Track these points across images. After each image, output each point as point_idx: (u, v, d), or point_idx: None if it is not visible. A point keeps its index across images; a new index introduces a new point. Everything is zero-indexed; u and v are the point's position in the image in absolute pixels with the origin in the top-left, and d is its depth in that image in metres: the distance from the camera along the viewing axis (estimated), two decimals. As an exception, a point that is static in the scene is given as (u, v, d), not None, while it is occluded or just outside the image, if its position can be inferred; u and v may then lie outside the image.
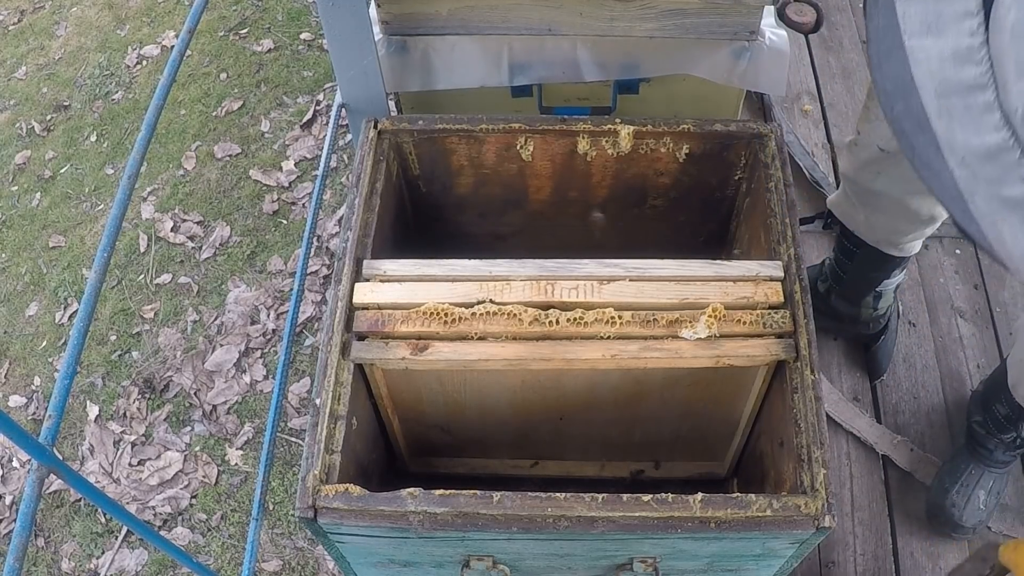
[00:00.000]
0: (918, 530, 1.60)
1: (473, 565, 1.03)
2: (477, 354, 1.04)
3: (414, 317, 1.04)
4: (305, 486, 0.93)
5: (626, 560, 1.02)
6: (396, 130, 1.23)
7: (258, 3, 2.98)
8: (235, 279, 2.24)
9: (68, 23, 3.05)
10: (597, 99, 1.61)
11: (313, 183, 2.40)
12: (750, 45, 1.45)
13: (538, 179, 1.31)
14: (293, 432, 1.96)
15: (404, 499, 0.92)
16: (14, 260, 2.40)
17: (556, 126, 1.22)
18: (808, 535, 0.93)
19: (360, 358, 1.04)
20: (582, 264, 1.09)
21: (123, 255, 2.33)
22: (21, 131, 2.73)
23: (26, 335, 2.23)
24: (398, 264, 1.10)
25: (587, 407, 1.18)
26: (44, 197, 2.53)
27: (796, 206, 1.13)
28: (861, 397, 1.75)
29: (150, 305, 2.22)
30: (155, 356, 2.12)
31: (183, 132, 2.61)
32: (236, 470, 1.92)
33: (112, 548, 1.84)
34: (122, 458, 1.96)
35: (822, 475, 0.92)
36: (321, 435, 0.97)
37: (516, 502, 0.91)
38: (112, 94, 2.78)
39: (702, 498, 0.91)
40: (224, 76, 2.75)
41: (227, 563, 1.80)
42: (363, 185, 1.17)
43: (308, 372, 2.05)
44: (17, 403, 2.11)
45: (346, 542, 0.99)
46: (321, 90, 2.67)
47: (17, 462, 2.00)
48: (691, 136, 1.22)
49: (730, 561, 1.03)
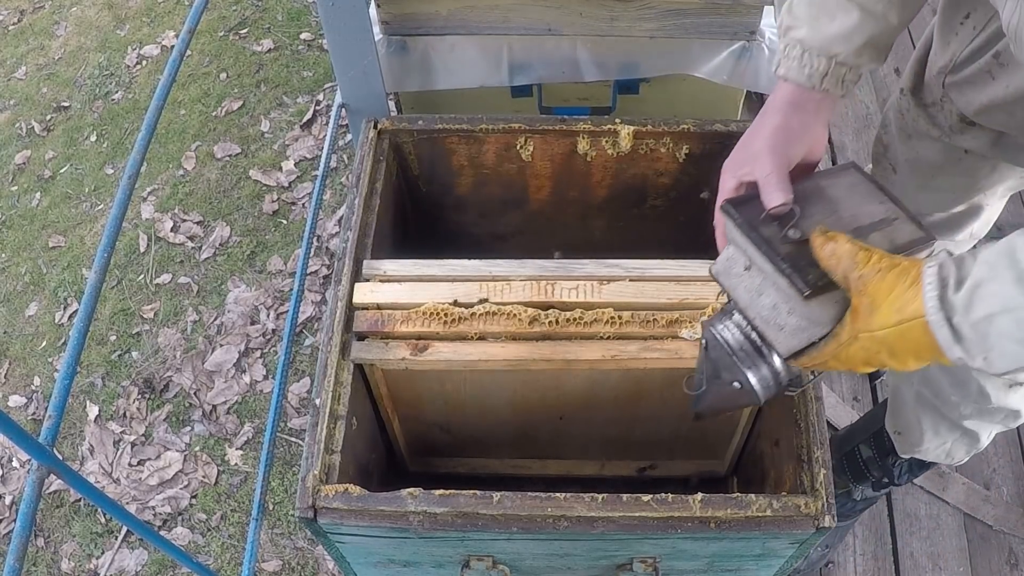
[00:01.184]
0: (918, 530, 1.60)
1: (473, 565, 1.03)
2: (477, 354, 1.04)
3: (414, 317, 1.04)
4: (305, 486, 0.93)
5: (626, 560, 1.02)
6: (396, 130, 1.23)
7: (258, 3, 2.98)
8: (235, 279, 2.24)
9: (68, 23, 3.05)
10: (597, 99, 1.61)
11: (313, 183, 2.40)
12: (750, 45, 1.45)
13: (538, 179, 1.31)
14: (293, 432, 1.96)
15: (404, 499, 0.91)
16: (14, 260, 2.40)
17: (556, 126, 1.22)
18: (808, 535, 0.93)
19: (360, 358, 1.04)
20: (582, 264, 1.09)
21: (123, 255, 2.33)
22: (21, 131, 2.73)
23: (26, 335, 2.23)
24: (398, 264, 1.10)
25: (587, 407, 1.18)
26: (44, 197, 2.53)
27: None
28: (861, 397, 1.75)
29: (150, 305, 2.22)
30: (155, 356, 2.12)
31: (183, 132, 2.61)
32: (236, 470, 1.92)
33: (112, 548, 1.84)
34: (122, 458, 1.96)
35: (822, 475, 0.92)
36: (321, 435, 0.97)
37: (516, 502, 0.91)
38: (112, 94, 2.78)
39: (702, 498, 0.91)
40: (224, 76, 2.75)
41: (227, 563, 1.79)
42: (363, 185, 1.17)
43: (308, 372, 2.05)
44: (17, 403, 2.11)
45: (346, 542, 0.99)
46: (321, 90, 2.67)
47: (17, 462, 2.00)
48: (691, 136, 1.22)
49: (730, 561, 1.03)
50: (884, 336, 0.74)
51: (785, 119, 0.90)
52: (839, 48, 0.89)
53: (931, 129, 1.25)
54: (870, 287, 0.74)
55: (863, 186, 0.88)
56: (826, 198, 0.86)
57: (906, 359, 0.75)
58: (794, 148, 0.89)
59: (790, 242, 0.79)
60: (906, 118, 1.30)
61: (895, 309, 0.72)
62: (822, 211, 0.84)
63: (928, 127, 1.26)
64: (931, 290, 0.70)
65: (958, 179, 1.26)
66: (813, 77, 0.91)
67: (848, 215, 0.84)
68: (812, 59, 0.90)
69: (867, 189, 0.87)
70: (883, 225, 0.83)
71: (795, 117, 0.91)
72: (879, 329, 0.73)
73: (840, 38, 0.89)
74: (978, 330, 0.69)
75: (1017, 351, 0.68)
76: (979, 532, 1.60)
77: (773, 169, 0.85)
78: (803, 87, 0.91)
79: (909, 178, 1.34)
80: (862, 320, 0.75)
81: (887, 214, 0.85)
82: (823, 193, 0.86)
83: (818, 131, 0.93)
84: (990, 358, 0.70)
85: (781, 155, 0.87)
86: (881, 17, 0.88)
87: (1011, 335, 0.67)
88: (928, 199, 1.33)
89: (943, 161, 1.27)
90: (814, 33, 0.90)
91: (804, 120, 0.91)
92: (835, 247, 0.76)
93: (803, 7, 0.91)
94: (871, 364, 0.78)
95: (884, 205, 0.86)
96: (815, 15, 0.89)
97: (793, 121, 0.91)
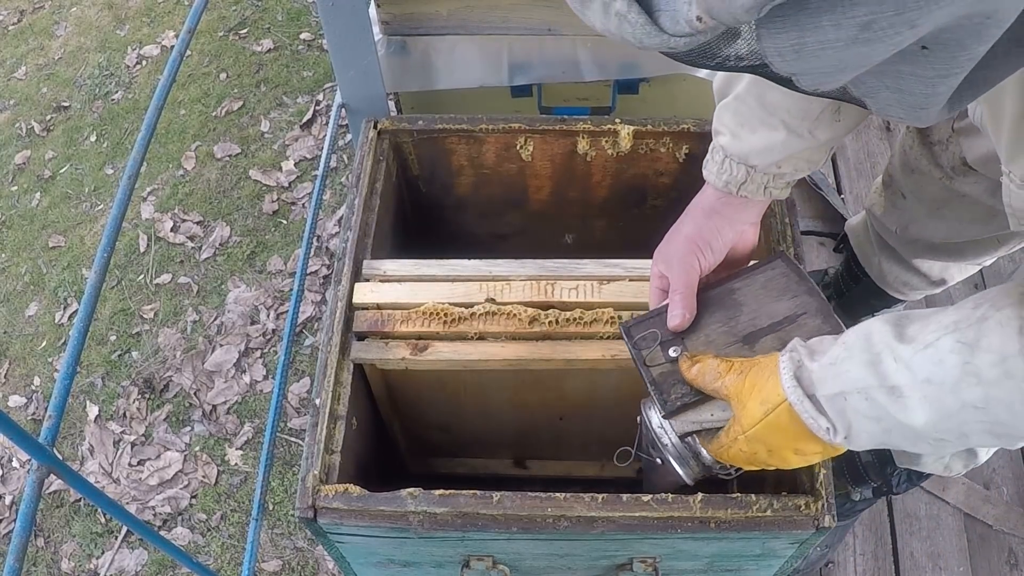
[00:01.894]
0: (918, 530, 1.60)
1: (473, 565, 1.03)
2: (477, 354, 1.03)
3: (414, 317, 1.04)
4: (305, 486, 0.93)
5: (626, 560, 1.02)
6: (396, 130, 1.23)
7: (258, 3, 2.98)
8: (235, 279, 2.24)
9: (68, 23, 3.05)
10: (597, 99, 1.61)
11: (313, 183, 2.40)
12: (750, 45, 1.44)
13: (538, 179, 1.31)
14: (293, 432, 1.96)
15: (404, 499, 0.91)
16: (14, 260, 2.40)
17: (556, 126, 1.22)
18: (808, 535, 0.92)
19: (360, 358, 1.04)
20: (582, 264, 1.09)
21: (123, 255, 2.33)
22: (21, 131, 2.73)
23: (26, 335, 2.23)
24: (398, 264, 1.10)
25: (587, 407, 1.18)
26: (44, 197, 2.53)
27: (796, 206, 1.13)
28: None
29: (150, 305, 2.22)
30: (155, 356, 2.12)
31: (183, 132, 2.61)
32: (236, 470, 1.92)
33: (112, 548, 1.84)
34: (122, 458, 1.96)
35: (822, 475, 0.91)
36: (321, 435, 0.97)
37: (516, 502, 0.91)
38: (112, 94, 2.78)
39: (702, 498, 0.91)
40: (224, 76, 2.75)
41: (227, 563, 1.79)
42: (363, 185, 1.17)
43: (308, 372, 2.05)
44: (17, 403, 2.10)
45: (346, 542, 0.99)
46: (321, 90, 2.67)
47: (17, 462, 2.00)
48: (691, 136, 1.22)
49: (730, 561, 1.03)
50: (756, 433, 0.77)
51: (697, 227, 0.93)
52: (757, 160, 0.89)
53: (933, 170, 1.24)
54: (733, 389, 0.78)
55: (780, 281, 0.91)
56: (732, 303, 0.91)
57: (784, 454, 0.78)
58: (706, 256, 0.92)
59: (670, 360, 0.87)
60: (908, 155, 1.29)
61: (759, 402, 0.76)
62: (720, 319, 0.90)
63: (929, 167, 1.25)
64: (787, 371, 0.74)
65: (964, 212, 1.25)
66: (731, 184, 0.91)
67: (747, 319, 0.89)
68: (732, 167, 0.90)
69: (783, 285, 0.91)
70: (784, 325, 0.88)
71: (709, 223, 0.93)
72: (750, 427, 0.77)
73: (760, 151, 0.89)
74: (835, 405, 0.72)
75: (873, 429, 0.71)
76: (979, 532, 1.60)
77: (678, 287, 0.89)
78: (724, 192, 0.92)
79: (917, 206, 1.34)
80: (737, 423, 0.79)
81: (793, 311, 0.89)
82: (731, 297, 0.91)
83: (736, 232, 0.94)
84: (851, 435, 0.73)
85: (690, 268, 0.90)
86: (807, 135, 0.87)
87: (864, 413, 0.70)
88: (939, 227, 1.32)
89: (945, 198, 1.27)
90: (735, 142, 0.90)
91: (718, 225, 0.93)
92: (700, 367, 0.82)
93: (728, 115, 0.90)
94: (753, 463, 0.82)
95: (795, 300, 0.90)
96: (739, 124, 0.89)
97: (706, 229, 0.92)
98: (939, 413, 0.66)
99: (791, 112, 0.85)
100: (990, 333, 0.64)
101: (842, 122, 0.87)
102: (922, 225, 1.34)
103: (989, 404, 0.64)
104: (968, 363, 0.64)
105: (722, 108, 0.91)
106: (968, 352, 0.64)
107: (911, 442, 0.71)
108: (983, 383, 0.64)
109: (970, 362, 0.64)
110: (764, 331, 0.88)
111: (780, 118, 0.86)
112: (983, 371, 0.64)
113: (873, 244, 1.50)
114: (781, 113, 0.86)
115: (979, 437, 0.67)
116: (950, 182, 1.22)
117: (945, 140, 1.20)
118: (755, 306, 0.90)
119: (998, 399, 0.63)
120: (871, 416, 0.70)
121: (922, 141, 1.25)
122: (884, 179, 1.41)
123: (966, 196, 1.21)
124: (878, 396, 0.69)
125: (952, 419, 0.66)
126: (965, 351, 0.65)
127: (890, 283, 1.51)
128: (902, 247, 1.42)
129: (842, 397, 0.71)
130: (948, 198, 1.26)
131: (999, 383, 0.63)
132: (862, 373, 0.70)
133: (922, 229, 1.35)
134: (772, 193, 0.92)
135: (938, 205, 1.28)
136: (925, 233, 1.34)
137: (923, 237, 1.35)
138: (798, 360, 0.75)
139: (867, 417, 0.70)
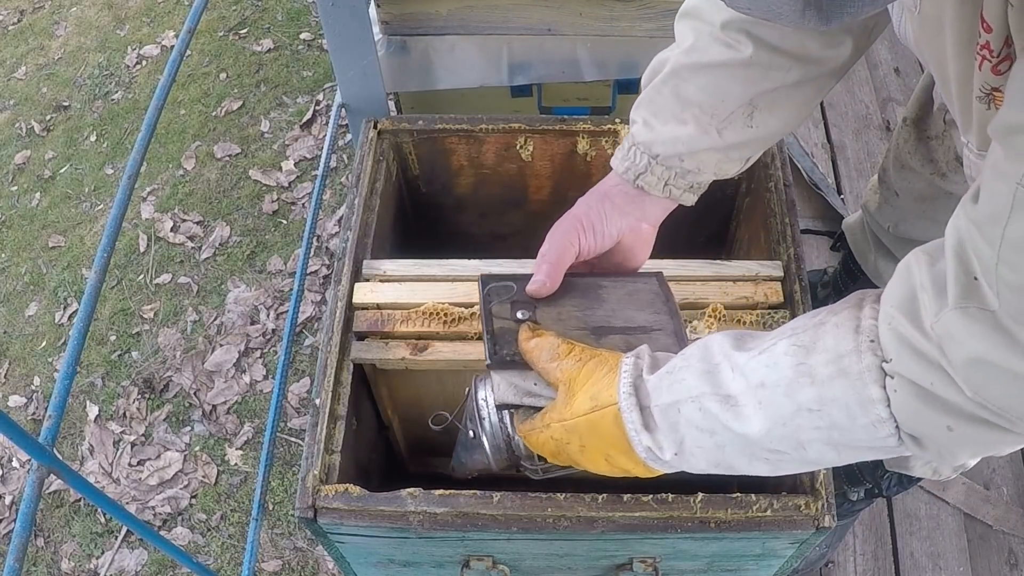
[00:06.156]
0: (918, 530, 1.60)
1: (473, 565, 1.03)
2: (477, 354, 1.03)
3: (414, 317, 1.04)
4: (305, 486, 0.93)
5: (626, 560, 1.02)
6: (396, 130, 1.23)
7: (258, 3, 2.98)
8: (235, 279, 2.24)
9: (68, 23, 3.05)
10: (597, 99, 1.61)
11: (313, 183, 2.40)
12: (750, 45, 1.45)
13: (538, 179, 1.31)
14: (293, 432, 1.96)
15: (404, 499, 0.92)
16: (14, 260, 2.40)
17: (556, 126, 1.22)
18: (808, 535, 0.92)
19: (360, 358, 1.04)
20: (582, 264, 1.08)
21: (123, 255, 2.33)
22: (21, 131, 2.73)
23: (26, 335, 2.23)
24: (398, 264, 1.10)
25: (587, 407, 1.18)
26: (44, 197, 2.53)
27: (796, 206, 1.13)
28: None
29: (150, 305, 2.22)
30: (155, 356, 2.12)
31: (183, 132, 2.61)
32: (236, 470, 1.92)
33: (112, 548, 1.84)
34: (122, 458, 1.96)
35: (822, 475, 0.91)
36: (321, 435, 0.97)
37: (516, 502, 0.91)
38: (112, 94, 2.78)
39: (702, 498, 0.91)
40: (224, 76, 2.75)
41: (227, 563, 1.80)
42: (363, 185, 1.17)
43: (308, 372, 2.05)
44: (17, 403, 2.11)
45: (346, 542, 0.99)
46: (321, 90, 2.67)
47: (17, 462, 2.00)
48: (691, 136, 1.22)
49: (730, 561, 1.03)
50: (575, 425, 0.74)
51: (587, 208, 0.91)
52: (660, 149, 0.88)
53: (925, 166, 1.24)
54: (566, 375, 0.75)
55: (647, 296, 0.90)
56: (594, 296, 0.89)
57: (595, 457, 0.75)
58: (587, 238, 0.90)
59: (515, 320, 0.84)
60: (902, 149, 1.29)
61: (590, 396, 0.73)
62: (578, 305, 0.88)
63: (922, 163, 1.24)
64: (626, 376, 0.72)
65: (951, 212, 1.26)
66: (631, 171, 0.90)
67: (603, 315, 0.87)
68: (635, 154, 0.90)
69: (649, 299, 0.90)
70: (635, 332, 0.86)
71: (599, 206, 0.91)
72: (571, 418, 0.74)
73: (665, 141, 0.88)
74: (668, 417, 0.69)
75: (707, 443, 0.68)
76: (979, 532, 1.60)
77: (547, 254, 0.88)
78: (623, 180, 0.91)
79: (908, 204, 1.34)
80: (557, 409, 0.76)
81: (649, 324, 0.87)
82: (596, 291, 0.90)
83: (628, 224, 0.92)
84: (682, 451, 0.70)
85: (568, 244, 0.89)
86: (714, 133, 0.87)
87: (697, 425, 0.68)
88: (927, 226, 1.32)
89: (933, 196, 1.26)
90: (644, 130, 0.89)
91: (607, 211, 0.91)
92: (539, 341, 0.79)
93: (644, 105, 0.90)
94: (559, 456, 0.79)
95: (654, 316, 0.88)
96: (652, 114, 0.89)
97: (595, 211, 0.91)
98: (773, 419, 0.64)
99: (703, 108, 0.85)
100: (825, 335, 0.63)
101: (755, 129, 0.86)
102: (911, 224, 1.35)
103: (824, 405, 0.62)
104: (802, 363, 0.63)
105: (640, 99, 0.91)
106: (803, 353, 0.63)
107: (747, 458, 0.69)
108: (816, 383, 0.62)
109: (804, 363, 0.63)
110: (616, 330, 0.86)
111: (691, 112, 0.86)
112: (816, 370, 0.62)
113: (869, 242, 1.50)
114: (693, 108, 0.86)
115: (817, 448, 0.65)
116: (941, 180, 1.22)
117: (940, 135, 1.20)
118: (615, 307, 0.88)
119: (832, 398, 0.62)
120: (704, 428, 0.68)
121: (918, 136, 1.25)
122: (879, 175, 1.41)
123: (952, 195, 1.21)
124: (711, 405, 0.67)
125: (787, 425, 0.64)
126: (800, 352, 0.63)
127: (886, 280, 1.51)
128: (894, 245, 1.42)
129: (676, 408, 0.69)
130: (935, 196, 1.26)
131: (832, 381, 0.61)
132: (697, 382, 0.68)
133: (911, 228, 1.35)
134: (672, 192, 0.91)
135: (926, 204, 1.28)
136: (914, 232, 1.35)
137: (912, 236, 1.35)
138: (641, 368, 0.73)
139: (700, 430, 0.68)
